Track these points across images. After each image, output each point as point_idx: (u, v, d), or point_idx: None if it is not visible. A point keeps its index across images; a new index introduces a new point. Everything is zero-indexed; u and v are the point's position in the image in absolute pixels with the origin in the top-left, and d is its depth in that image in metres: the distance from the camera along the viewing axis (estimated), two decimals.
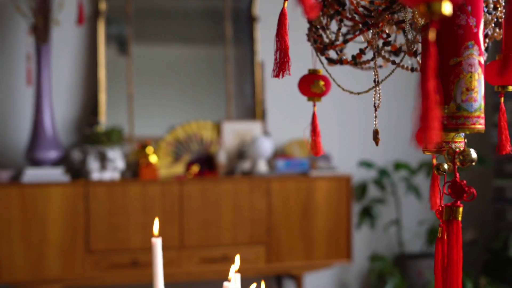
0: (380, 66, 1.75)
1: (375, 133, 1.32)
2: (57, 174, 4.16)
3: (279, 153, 4.81)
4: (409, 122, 4.84)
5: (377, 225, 4.97)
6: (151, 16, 4.74)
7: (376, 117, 1.32)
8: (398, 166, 4.71)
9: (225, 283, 1.56)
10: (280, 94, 4.88)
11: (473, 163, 1.12)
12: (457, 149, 1.12)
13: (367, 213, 4.74)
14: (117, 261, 4.18)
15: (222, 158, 4.53)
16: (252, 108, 4.82)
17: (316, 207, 4.47)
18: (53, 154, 4.24)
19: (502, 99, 1.49)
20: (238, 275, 1.74)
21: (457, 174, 1.14)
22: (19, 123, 4.47)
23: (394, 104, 4.98)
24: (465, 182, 1.15)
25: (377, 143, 1.31)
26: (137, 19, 4.68)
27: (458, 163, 1.12)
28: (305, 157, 4.63)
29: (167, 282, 4.24)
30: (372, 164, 4.72)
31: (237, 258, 1.79)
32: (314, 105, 1.79)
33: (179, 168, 4.58)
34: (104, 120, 4.49)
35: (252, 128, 4.70)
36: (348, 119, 5.01)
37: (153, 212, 4.21)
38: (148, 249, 4.16)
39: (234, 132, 4.67)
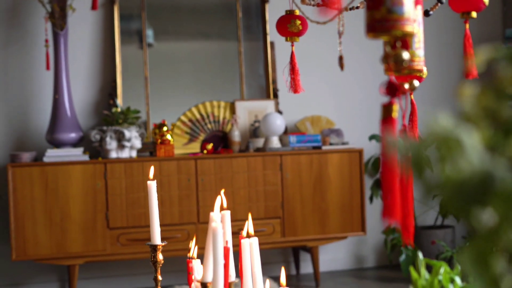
0: (357, 7, 1.86)
1: (340, 59, 1.44)
2: (77, 154, 4.33)
3: (291, 130, 4.93)
4: (420, 96, 4.92)
5: None
6: (163, 3, 4.88)
7: (340, 43, 1.43)
8: None
9: (211, 214, 1.68)
10: None
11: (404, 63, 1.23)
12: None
13: (379, 185, 4.84)
14: (136, 236, 4.33)
15: (236, 136, 4.66)
16: (265, 88, 4.95)
17: (329, 181, 4.59)
18: (72, 136, 4.41)
19: (467, 25, 1.59)
20: (228, 212, 1.87)
21: (391, 76, 1.25)
22: (40, 107, 4.65)
23: None
24: (397, 82, 1.27)
25: (341, 68, 1.42)
26: (150, 8, 4.83)
27: (393, 67, 1.24)
28: (316, 134, 4.74)
29: (180, 256, 4.39)
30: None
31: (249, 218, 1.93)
32: (292, 45, 1.91)
33: (194, 147, 4.72)
34: (121, 103, 4.65)
35: (265, 106, 4.83)
36: (358, 95, 5.10)
37: (170, 188, 4.36)
38: (165, 225, 4.31)
39: (247, 111, 4.81)
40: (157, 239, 1.91)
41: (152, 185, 1.91)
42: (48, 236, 4.23)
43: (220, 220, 1.65)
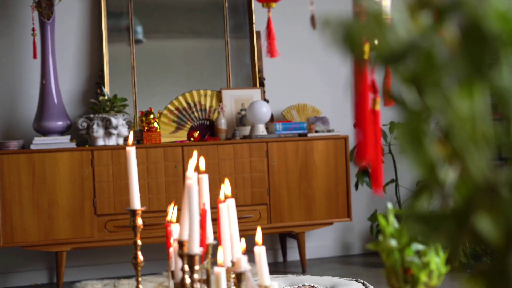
0: None
1: (312, 19, 1.48)
2: (64, 141, 4.36)
3: (277, 119, 4.97)
4: None
5: None
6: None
7: (312, 3, 1.47)
8: (393, 126, 4.84)
9: (187, 173, 1.72)
10: (277, 62, 5.03)
11: None
12: None
13: (365, 172, 4.88)
14: (123, 223, 4.36)
15: (222, 124, 4.70)
16: (251, 77, 4.98)
17: (315, 168, 4.63)
18: (60, 124, 4.44)
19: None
20: (206, 176, 1.91)
21: None
22: (27, 96, 4.68)
23: None
24: None
25: (313, 27, 1.46)
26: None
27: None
28: (302, 121, 4.78)
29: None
30: None
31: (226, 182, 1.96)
32: (269, 11, 1.95)
33: (181, 136, 4.75)
34: (108, 92, 4.68)
35: (251, 95, 4.87)
36: (342, 82, 5.14)
37: (157, 175, 4.39)
38: (152, 211, 4.33)
39: (233, 99, 4.84)
40: (136, 204, 1.94)
41: (131, 151, 1.94)
42: (36, 223, 4.26)
43: (196, 179, 1.69)
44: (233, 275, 1.85)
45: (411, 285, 1.40)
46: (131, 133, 2.04)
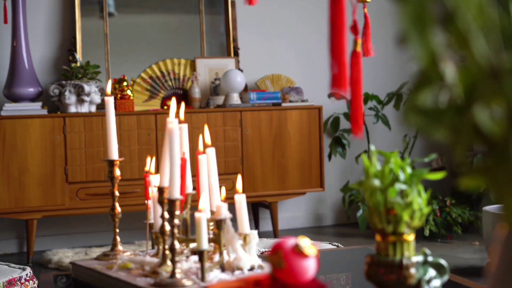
0: None
1: None
2: (35, 108, 4.30)
3: (251, 89, 4.95)
4: (379, 55, 4.98)
5: (349, 157, 5.13)
6: None
7: None
8: (367, 97, 4.85)
9: (168, 118, 1.70)
10: (252, 31, 5.01)
11: None
12: None
13: (338, 142, 4.90)
14: (95, 191, 4.32)
15: (196, 93, 4.67)
16: (225, 46, 4.95)
17: (288, 137, 4.63)
18: (31, 90, 4.37)
19: None
20: (186, 125, 1.89)
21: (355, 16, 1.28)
22: None
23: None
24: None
25: None
26: None
27: None
28: (277, 91, 4.77)
29: (140, 211, 4.40)
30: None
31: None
32: None
33: (154, 104, 4.72)
34: (80, 59, 4.62)
35: (225, 64, 4.84)
36: (318, 54, 5.14)
37: (129, 143, 4.35)
38: (125, 179, 4.30)
39: (207, 68, 4.81)
40: (114, 154, 1.91)
41: (110, 101, 1.92)
42: (6, 190, 4.20)
43: (177, 124, 1.67)
44: (212, 226, 1.84)
45: (394, 225, 1.40)
46: (109, 82, 2.01)
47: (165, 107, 4.57)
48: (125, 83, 4.46)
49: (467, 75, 0.64)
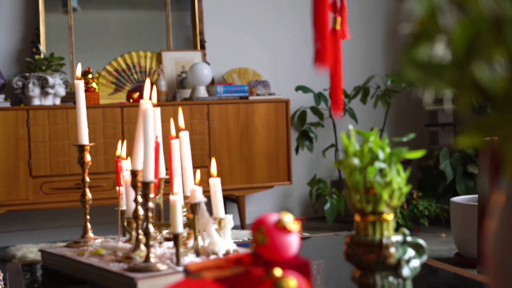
0: None
1: None
2: None
3: (218, 82, 4.92)
4: (345, 50, 4.98)
5: (317, 150, 5.13)
6: None
7: None
8: None
9: (141, 100, 1.66)
10: (219, 25, 4.98)
11: None
12: None
13: (305, 136, 4.89)
14: (60, 185, 4.25)
15: (162, 86, 4.63)
16: (192, 39, 4.92)
17: (256, 131, 4.61)
18: None
19: None
20: (159, 109, 1.85)
21: None
22: None
23: None
24: None
25: None
26: None
27: None
28: (244, 84, 4.75)
29: (109, 205, 4.34)
30: (309, 89, 4.86)
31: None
32: None
33: (120, 97, 4.66)
34: (44, 51, 4.54)
35: (192, 57, 4.80)
36: (285, 47, 5.13)
37: (95, 136, 4.29)
38: (91, 173, 4.24)
39: (174, 61, 4.77)
40: (84, 139, 1.87)
41: (80, 84, 1.87)
42: None
43: (151, 106, 1.64)
44: (185, 212, 1.81)
45: (373, 205, 1.39)
46: (79, 65, 1.96)
47: (131, 100, 4.51)
48: (90, 76, 4.40)
49: (468, 26, 0.63)
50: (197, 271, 1.15)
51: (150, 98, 1.69)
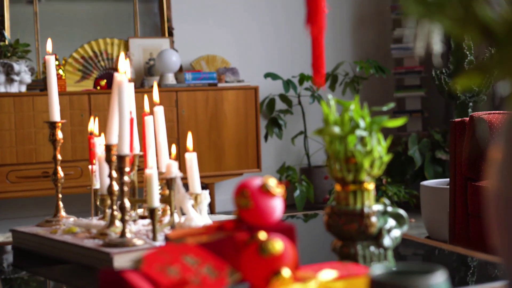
0: None
1: None
2: None
3: (186, 69, 4.88)
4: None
5: (286, 138, 5.12)
6: None
7: None
8: (303, 78, 4.85)
9: (115, 73, 1.63)
10: (187, 12, 4.94)
11: None
12: None
13: (274, 123, 4.88)
14: (26, 174, 4.18)
15: (130, 73, 4.56)
16: (159, 26, 4.87)
17: (225, 118, 4.58)
18: None
19: None
20: (132, 84, 1.81)
21: None
22: None
23: (300, 19, 5.12)
24: None
25: None
26: None
27: None
28: (212, 71, 4.71)
29: (74, 194, 4.28)
30: (278, 76, 4.84)
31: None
32: None
33: (87, 85, 4.59)
34: (9, 37, 4.46)
35: (160, 44, 4.75)
36: (254, 34, 5.11)
37: (62, 124, 4.22)
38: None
39: (141, 48, 4.71)
40: (56, 116, 1.83)
41: (51, 60, 1.83)
42: None
43: (126, 79, 1.60)
44: (160, 189, 1.78)
45: (354, 174, 1.38)
46: (49, 40, 1.92)
47: (98, 88, 4.45)
48: (56, 63, 4.32)
49: None
50: (179, 238, 1.13)
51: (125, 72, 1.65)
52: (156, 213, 1.55)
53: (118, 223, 1.63)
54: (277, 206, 1.10)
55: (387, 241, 1.41)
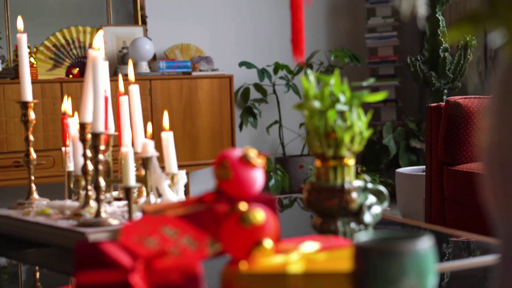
0: None
1: None
2: None
3: (160, 58, 4.83)
4: (288, 25, 4.96)
5: (260, 127, 5.09)
6: None
7: None
8: (277, 67, 4.82)
9: (89, 50, 1.59)
10: (161, 0, 4.89)
11: None
12: None
13: (249, 112, 4.85)
14: None
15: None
16: (133, 14, 4.81)
17: (199, 107, 4.54)
18: None
19: None
20: (107, 63, 1.78)
21: None
22: None
23: (275, 7, 5.09)
24: None
25: None
26: None
27: None
28: (186, 60, 4.67)
29: (46, 184, 4.23)
30: (252, 65, 4.82)
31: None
32: None
33: (59, 73, 4.53)
34: None
35: (133, 33, 4.70)
36: (228, 23, 5.07)
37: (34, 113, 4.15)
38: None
39: (115, 37, 4.66)
40: (28, 96, 1.79)
41: (23, 38, 1.78)
42: None
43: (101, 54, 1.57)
44: (135, 171, 1.75)
45: (334, 149, 1.35)
46: (19, 18, 1.87)
47: (71, 76, 4.39)
48: (27, 50, 4.25)
49: None
50: (157, 211, 1.10)
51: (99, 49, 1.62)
52: (132, 193, 1.51)
53: (92, 203, 1.59)
54: (257, 177, 1.07)
55: (367, 217, 1.39)
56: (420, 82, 4.00)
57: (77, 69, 4.41)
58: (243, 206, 0.98)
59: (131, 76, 1.75)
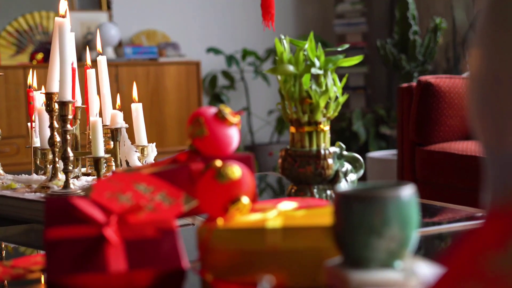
0: None
1: None
2: None
3: (126, 43, 4.77)
4: (256, 11, 4.92)
5: None
6: None
7: None
8: (245, 53, 4.79)
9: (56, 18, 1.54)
10: None
11: None
12: None
13: (217, 99, 4.81)
14: None
15: None
16: None
17: (166, 93, 4.49)
18: None
19: None
20: (73, 35, 1.72)
21: None
22: None
23: None
24: None
25: None
26: None
27: None
28: (153, 46, 4.61)
29: (10, 172, 4.14)
30: (220, 51, 4.77)
31: None
32: None
33: (22, 59, 4.44)
34: None
35: (98, 18, 4.63)
36: (193, 8, 5.01)
37: None
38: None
39: (79, 22, 4.58)
40: None
41: None
42: None
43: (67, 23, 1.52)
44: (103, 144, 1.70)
45: (309, 115, 1.33)
46: None
47: (35, 62, 4.30)
48: None
49: None
50: (129, 169, 1.06)
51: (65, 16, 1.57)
52: (101, 163, 1.47)
53: (60, 176, 1.54)
54: (233, 135, 1.04)
55: (343, 184, 1.36)
56: (390, 65, 3.99)
57: (42, 54, 4.33)
58: (218, 162, 0.95)
59: (99, 47, 1.71)
